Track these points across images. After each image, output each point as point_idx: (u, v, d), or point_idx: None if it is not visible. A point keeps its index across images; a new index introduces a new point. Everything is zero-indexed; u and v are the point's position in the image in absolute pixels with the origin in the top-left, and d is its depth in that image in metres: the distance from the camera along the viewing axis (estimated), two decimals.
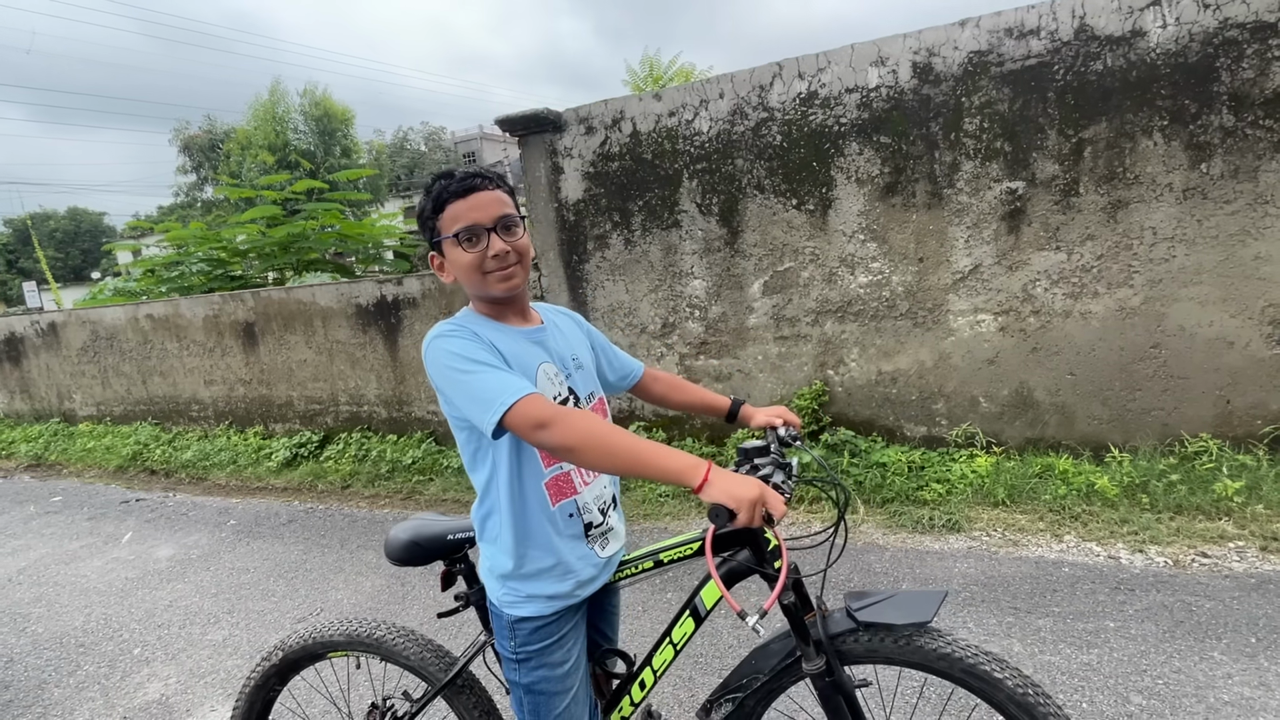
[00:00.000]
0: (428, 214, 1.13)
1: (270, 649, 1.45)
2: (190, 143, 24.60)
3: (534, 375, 1.13)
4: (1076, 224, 3.12)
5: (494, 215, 1.10)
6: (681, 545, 1.22)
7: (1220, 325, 3.00)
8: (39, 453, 6.58)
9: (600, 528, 1.22)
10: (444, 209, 1.10)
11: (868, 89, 3.38)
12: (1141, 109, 2.94)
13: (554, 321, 1.29)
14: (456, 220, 1.09)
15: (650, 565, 1.24)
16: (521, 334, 1.18)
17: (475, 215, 1.09)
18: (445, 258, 1.14)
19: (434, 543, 1.35)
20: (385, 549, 1.39)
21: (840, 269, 3.62)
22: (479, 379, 1.02)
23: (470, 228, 1.08)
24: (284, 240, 7.19)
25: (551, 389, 1.16)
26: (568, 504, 1.16)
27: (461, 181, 1.10)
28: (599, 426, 0.98)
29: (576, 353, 1.27)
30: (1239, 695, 1.83)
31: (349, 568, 3.33)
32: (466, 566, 1.37)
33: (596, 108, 4.03)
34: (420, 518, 1.44)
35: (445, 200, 1.10)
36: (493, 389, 1.00)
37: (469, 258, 1.10)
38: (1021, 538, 2.87)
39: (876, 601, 1.13)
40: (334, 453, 5.07)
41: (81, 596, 3.31)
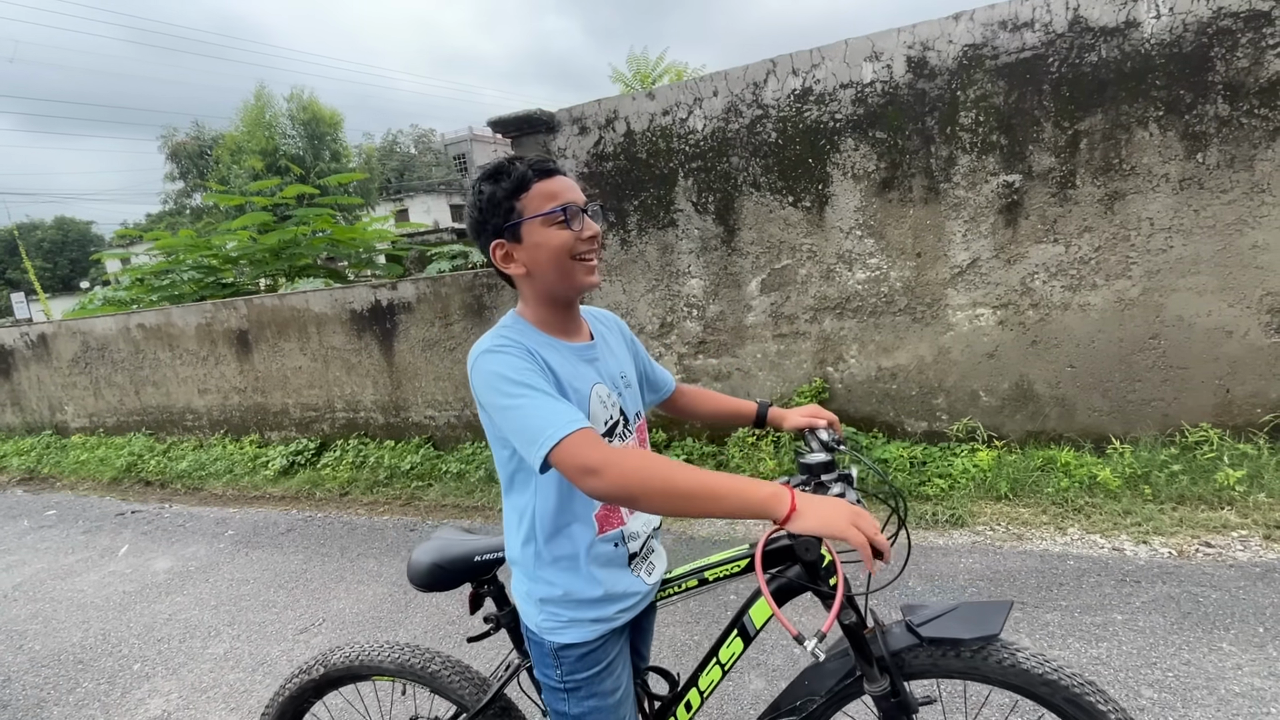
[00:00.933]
0: (504, 195, 1.02)
1: (311, 662, 1.39)
2: (178, 150, 24.41)
3: (587, 400, 1.05)
4: (1074, 216, 3.12)
5: (583, 198, 1.05)
6: (728, 562, 1.14)
7: (1219, 315, 3.00)
8: (32, 466, 6.50)
9: (644, 554, 1.15)
10: (529, 187, 1.01)
11: (862, 84, 3.37)
12: (1137, 100, 2.94)
13: (602, 334, 1.20)
14: (552, 197, 1.01)
15: (695, 584, 1.17)
16: (574, 351, 1.09)
17: (571, 195, 1.02)
18: (523, 242, 1.03)
19: (459, 565, 1.27)
20: (408, 573, 1.30)
21: (838, 265, 3.61)
22: (527, 407, 0.93)
23: (570, 205, 1.01)
24: (275, 246, 7.13)
25: (604, 413, 1.08)
26: (614, 534, 1.09)
27: (543, 162, 1.03)
28: (656, 467, 0.88)
29: (625, 369, 1.19)
30: (1249, 686, 1.82)
31: (350, 576, 3.30)
32: (496, 587, 1.29)
33: (590, 108, 4.01)
34: (443, 536, 1.34)
35: (530, 180, 1.01)
36: (541, 420, 0.91)
37: (564, 237, 1.01)
38: (1025, 531, 2.87)
39: (939, 615, 1.06)
40: (331, 460, 5.03)
41: (79, 612, 3.26)
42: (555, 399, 0.95)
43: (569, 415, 0.92)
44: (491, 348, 0.99)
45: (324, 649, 1.32)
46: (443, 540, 1.32)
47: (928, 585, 2.51)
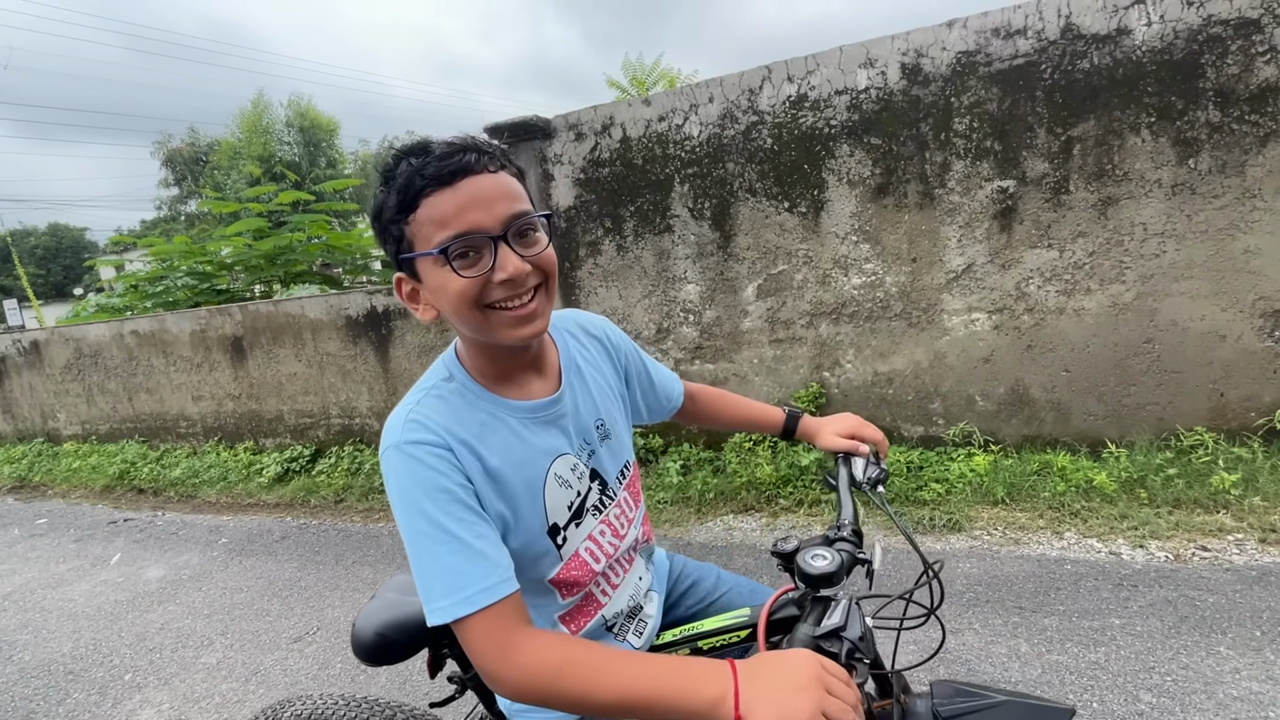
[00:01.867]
0: (390, 215, 0.73)
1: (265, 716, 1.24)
2: (173, 156, 24.38)
3: (541, 490, 0.84)
4: (1068, 221, 3.14)
5: (502, 215, 0.72)
6: (727, 631, 0.95)
7: (1212, 319, 3.02)
8: (23, 474, 6.45)
9: (630, 617, 0.99)
10: (418, 204, 0.71)
11: (857, 91, 3.39)
12: (1129, 106, 2.96)
13: (575, 363, 0.94)
14: (442, 224, 0.70)
15: (686, 653, 0.99)
16: (528, 413, 0.84)
17: (474, 216, 0.71)
18: (423, 283, 0.76)
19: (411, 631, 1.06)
20: (352, 643, 1.09)
21: (834, 271, 3.62)
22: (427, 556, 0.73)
23: (464, 235, 0.70)
24: (270, 253, 7.12)
25: (564, 495, 0.87)
26: (594, 624, 0.93)
27: (444, 160, 0.70)
28: (574, 672, 0.67)
29: (603, 413, 0.94)
30: (1248, 690, 1.82)
31: (344, 584, 3.27)
32: (457, 647, 1.10)
33: (586, 114, 4.02)
34: (392, 593, 1.13)
35: (419, 191, 0.71)
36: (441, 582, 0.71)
37: (460, 285, 0.72)
38: (1022, 536, 2.87)
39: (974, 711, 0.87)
40: (326, 467, 5.01)
41: (69, 621, 3.23)
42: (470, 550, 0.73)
43: (480, 583, 0.71)
44: (403, 442, 0.76)
45: (275, 701, 1.21)
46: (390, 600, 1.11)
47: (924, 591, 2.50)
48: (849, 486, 1.02)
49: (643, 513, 1.04)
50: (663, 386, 1.13)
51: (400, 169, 0.72)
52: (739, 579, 1.14)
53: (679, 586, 1.12)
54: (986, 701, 0.87)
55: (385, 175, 0.74)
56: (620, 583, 0.97)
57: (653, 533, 1.10)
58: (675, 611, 1.09)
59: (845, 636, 0.70)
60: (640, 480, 1.08)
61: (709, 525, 3.44)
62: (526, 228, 0.75)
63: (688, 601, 1.10)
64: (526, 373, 0.87)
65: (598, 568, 0.91)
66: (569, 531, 0.88)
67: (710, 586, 1.11)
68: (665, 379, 1.14)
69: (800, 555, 0.79)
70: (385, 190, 0.74)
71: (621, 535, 0.95)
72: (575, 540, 0.89)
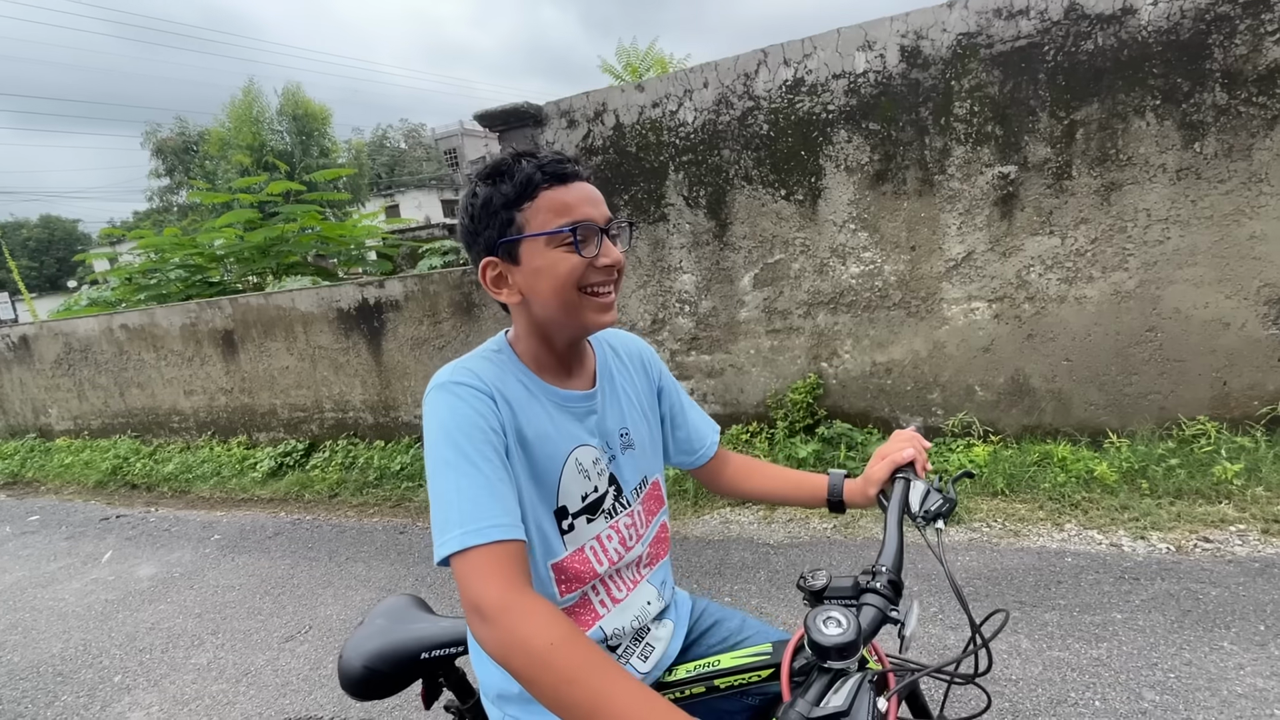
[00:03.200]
0: (503, 202, 0.81)
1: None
2: (163, 146, 24.09)
3: (559, 470, 0.86)
4: (1070, 208, 3.08)
5: (605, 214, 0.84)
6: (747, 670, 0.91)
7: (1216, 306, 2.97)
8: (15, 470, 6.40)
9: (636, 639, 0.95)
10: (536, 195, 0.81)
11: (855, 74, 3.31)
12: (1134, 89, 2.89)
13: (610, 371, 0.98)
14: (561, 212, 0.80)
15: (702, 690, 0.95)
16: (562, 401, 0.90)
17: (588, 210, 0.81)
18: (521, 264, 0.83)
19: (402, 664, 1.01)
20: (339, 675, 1.02)
21: (831, 260, 3.56)
22: (452, 484, 0.75)
23: (584, 223, 0.80)
24: (262, 244, 7.02)
25: (580, 485, 0.89)
26: (591, 632, 0.90)
27: (559, 163, 0.82)
28: (557, 655, 0.64)
29: (629, 424, 0.97)
30: (1252, 686, 1.79)
31: (338, 581, 3.24)
32: (455, 677, 1.08)
33: (578, 100, 3.93)
34: (384, 620, 1.06)
35: (539, 184, 0.81)
36: (458, 511, 0.73)
37: (572, 264, 0.81)
38: (1022, 528, 2.83)
39: None
40: (320, 461, 4.96)
41: (59, 621, 3.19)
42: (492, 486, 0.75)
43: (495, 518, 0.73)
44: (450, 382, 0.81)
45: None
46: (379, 627, 1.05)
47: (924, 584, 2.47)
48: (899, 518, 0.87)
49: (655, 533, 1.01)
50: (692, 427, 1.10)
51: (521, 165, 0.82)
52: (766, 625, 1.07)
53: (700, 624, 1.07)
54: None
55: (499, 170, 0.83)
56: (623, 599, 0.94)
57: (668, 549, 1.05)
58: (693, 650, 1.04)
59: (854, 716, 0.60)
60: (665, 506, 1.05)
61: (706, 519, 3.40)
62: (617, 230, 0.87)
63: (708, 640, 1.05)
64: (568, 368, 0.93)
65: (599, 569, 0.91)
66: (578, 522, 0.89)
67: (734, 628, 1.06)
68: (700, 420, 1.12)
69: (812, 617, 0.67)
70: (494, 182, 0.83)
71: (629, 546, 0.95)
72: (582, 534, 0.90)
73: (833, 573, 0.78)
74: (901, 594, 0.76)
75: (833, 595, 0.77)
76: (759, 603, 2.55)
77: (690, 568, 2.89)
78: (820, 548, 2.93)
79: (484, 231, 0.84)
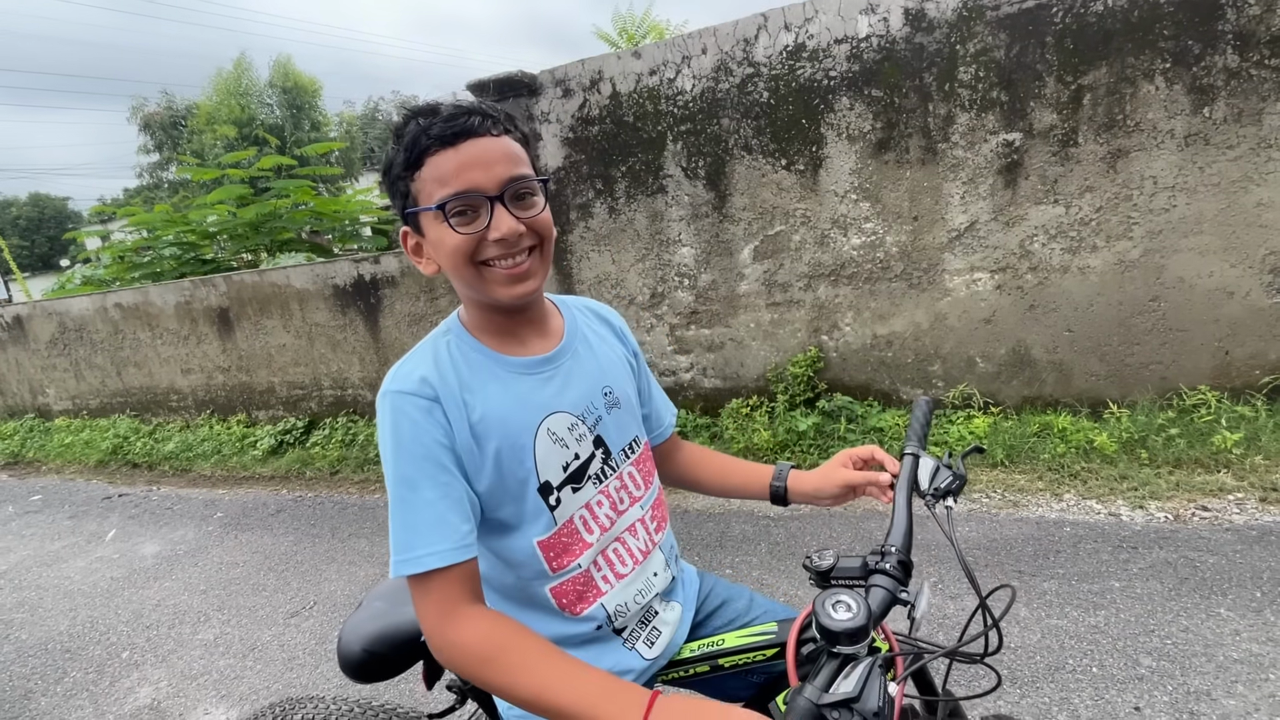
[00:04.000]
0: (398, 170, 0.77)
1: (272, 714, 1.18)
2: (150, 120, 23.63)
3: (531, 446, 0.82)
4: (1075, 175, 3.02)
5: (500, 177, 0.75)
6: (752, 650, 0.91)
7: (1220, 275, 2.94)
8: (15, 450, 6.41)
9: (643, 623, 0.93)
10: (423, 162, 0.75)
11: (858, 39, 3.22)
12: (1143, 51, 2.82)
13: (581, 330, 0.94)
14: (443, 182, 0.74)
15: (706, 669, 0.95)
16: (523, 369, 0.84)
17: (471, 176, 0.74)
18: (424, 237, 0.80)
19: (401, 646, 1.00)
20: (339, 660, 1.03)
21: (832, 231, 3.51)
22: (399, 507, 0.75)
23: (461, 194, 0.74)
24: (255, 220, 6.93)
25: (559, 455, 0.84)
26: (592, 610, 0.88)
27: (449, 121, 0.74)
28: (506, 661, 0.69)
29: (611, 380, 0.92)
30: (1248, 652, 1.81)
31: (341, 557, 3.26)
32: None
33: (573, 68, 3.83)
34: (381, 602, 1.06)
35: (426, 149, 0.74)
36: (406, 535, 0.74)
37: (458, 241, 0.75)
38: (1021, 498, 2.85)
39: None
40: (320, 439, 4.96)
41: (66, 599, 3.22)
42: (433, 509, 0.74)
43: (432, 545, 0.73)
44: (392, 391, 0.78)
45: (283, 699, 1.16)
46: (377, 610, 1.04)
47: (923, 556, 2.49)
48: (908, 496, 0.84)
49: (654, 498, 0.97)
50: (659, 406, 1.09)
51: (409, 128, 0.76)
52: (773, 603, 1.06)
53: (708, 604, 1.05)
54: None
55: (395, 133, 0.78)
56: (628, 572, 0.91)
57: (668, 520, 1.02)
58: (700, 630, 1.03)
59: (857, 710, 0.59)
60: (656, 472, 1.02)
61: None
62: (524, 191, 0.78)
63: (715, 622, 1.03)
64: (525, 331, 0.87)
65: (590, 539, 0.87)
66: (564, 494, 0.85)
67: (742, 608, 1.05)
68: (663, 400, 1.10)
69: (820, 600, 0.66)
70: (395, 147, 0.78)
71: (620, 510, 0.91)
72: (570, 505, 0.86)
73: (840, 551, 0.77)
74: (911, 574, 0.74)
75: (840, 576, 0.76)
76: (760, 574, 2.57)
77: (691, 540, 2.91)
78: (820, 520, 2.94)
79: (394, 200, 0.80)
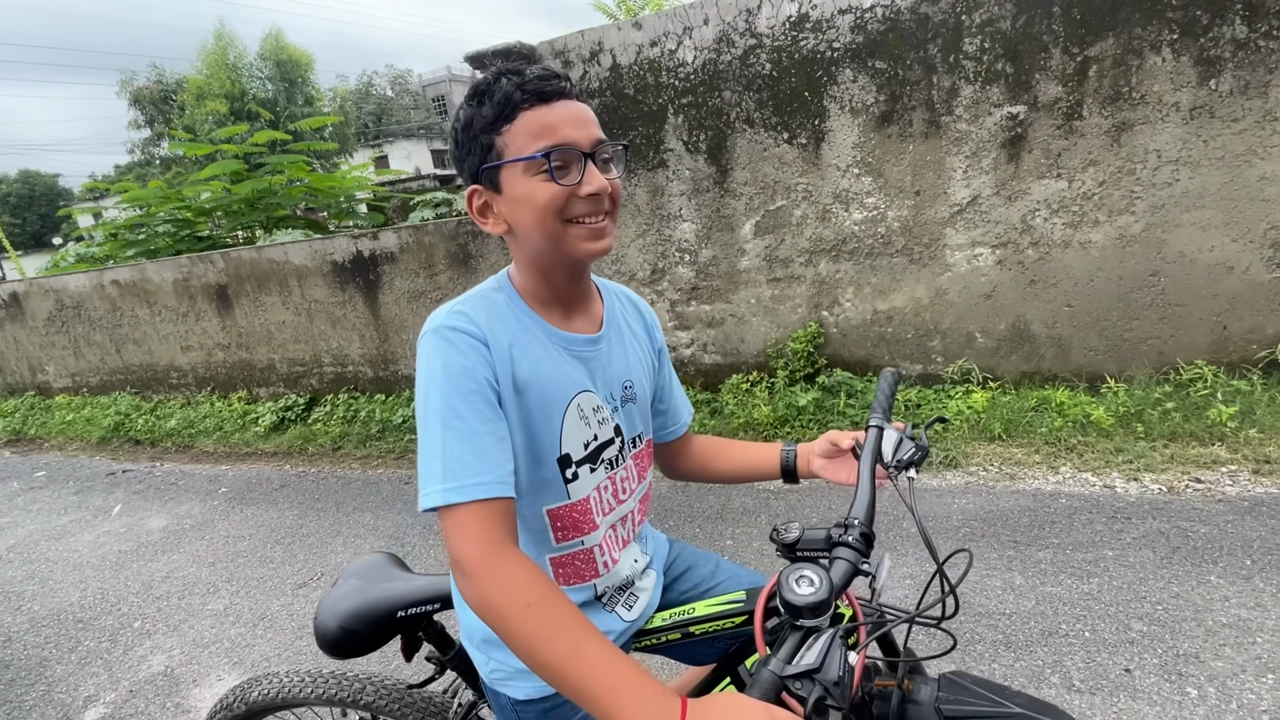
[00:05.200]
0: (483, 125, 0.76)
1: (230, 698, 1.19)
2: (140, 95, 23.21)
3: (561, 416, 0.83)
4: (1079, 149, 3.01)
5: (592, 137, 0.76)
6: (721, 618, 0.94)
7: (1221, 250, 2.94)
8: (17, 427, 6.42)
9: (621, 590, 0.97)
10: (515, 116, 0.75)
11: (862, 9, 3.17)
12: (1151, 22, 2.78)
13: (618, 323, 0.95)
14: (540, 135, 0.74)
15: (678, 637, 0.98)
16: (566, 343, 0.86)
17: (569, 132, 0.75)
18: (502, 194, 0.78)
19: (378, 622, 1.01)
20: (316, 637, 1.03)
21: (834, 206, 3.50)
22: (437, 437, 0.73)
23: (562, 147, 0.74)
24: (250, 197, 6.85)
25: (584, 431, 0.86)
26: (584, 587, 0.92)
27: (545, 80, 0.75)
28: (534, 616, 0.65)
29: (633, 375, 0.94)
30: (1236, 617, 1.86)
31: (346, 530, 3.30)
32: (434, 631, 1.09)
33: (573, 39, 3.77)
34: (357, 580, 1.06)
35: (518, 104, 0.74)
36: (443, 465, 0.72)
37: (552, 194, 0.75)
38: (1018, 471, 2.89)
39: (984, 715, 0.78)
40: (322, 415, 4.98)
41: (75, 572, 3.26)
42: (479, 441, 0.73)
43: (479, 475, 0.72)
44: (443, 327, 0.77)
45: (243, 680, 1.20)
46: (353, 587, 1.05)
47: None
48: (871, 468, 0.86)
49: (643, 492, 1.01)
50: (677, 404, 1.10)
51: (500, 84, 0.76)
52: (739, 569, 1.10)
53: (675, 568, 1.09)
54: (998, 710, 0.77)
55: (480, 90, 0.78)
56: (620, 557, 0.95)
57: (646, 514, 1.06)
58: (668, 595, 1.06)
59: (819, 680, 0.61)
60: (652, 467, 1.04)
61: None
62: (608, 155, 0.80)
63: (681, 586, 1.07)
64: (573, 307, 0.88)
65: (599, 520, 0.90)
66: (581, 470, 0.87)
67: (707, 573, 1.08)
68: (682, 399, 1.11)
69: (785, 575, 0.68)
70: (477, 103, 0.78)
71: (620, 499, 0.95)
72: (585, 483, 0.88)
73: (806, 524, 0.79)
74: (873, 546, 0.77)
75: (805, 548, 0.77)
76: (760, 544, 2.62)
77: (693, 513, 2.95)
78: (819, 493, 2.98)
79: (467, 158, 0.80)
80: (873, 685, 0.83)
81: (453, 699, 1.16)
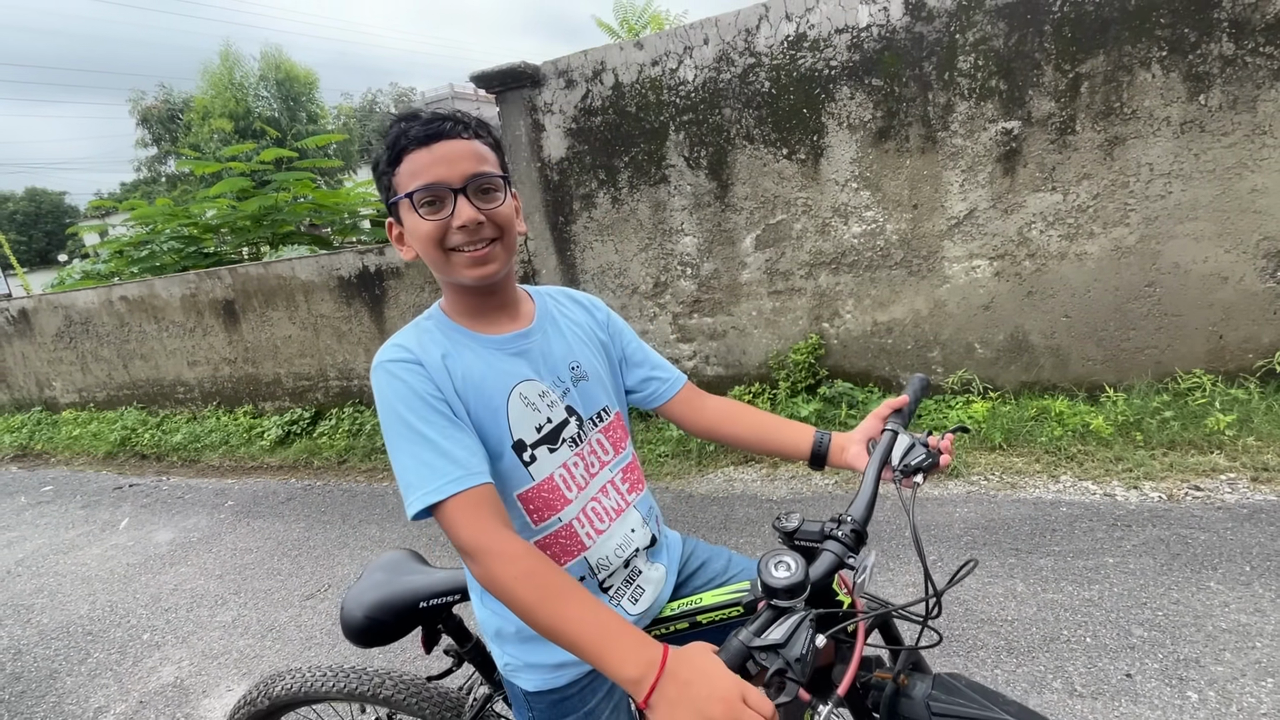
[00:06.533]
0: (383, 166, 0.90)
1: (254, 693, 1.24)
2: (148, 114, 23.52)
3: (504, 408, 0.90)
4: (1072, 163, 3.07)
5: (464, 172, 0.85)
6: (725, 607, 0.99)
7: (1215, 261, 2.99)
8: (24, 442, 6.46)
9: (628, 581, 1.00)
10: (401, 159, 0.86)
11: (858, 29, 3.25)
12: (1140, 39, 2.85)
13: (551, 314, 1.03)
14: (416, 175, 0.85)
15: (685, 627, 1.02)
16: (496, 345, 0.94)
17: (439, 171, 0.85)
18: (404, 226, 0.90)
19: (401, 612, 1.07)
20: (342, 626, 1.10)
21: (833, 219, 3.55)
22: (407, 453, 0.82)
23: (429, 186, 0.84)
24: (256, 214, 6.95)
25: (532, 417, 0.93)
26: (575, 564, 0.96)
27: (427, 125, 0.86)
28: (532, 584, 0.74)
29: (578, 356, 1.01)
30: (1236, 622, 1.88)
31: (353, 542, 3.33)
32: (453, 624, 1.14)
33: (576, 59, 3.86)
34: (381, 572, 1.13)
35: (404, 148, 0.86)
36: (417, 475, 0.80)
37: (426, 228, 0.86)
38: (1019, 480, 2.91)
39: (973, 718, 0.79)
40: (327, 429, 5.02)
41: (84, 585, 3.29)
42: (441, 446, 0.81)
43: (450, 473, 0.80)
44: (384, 361, 0.87)
45: (266, 675, 1.23)
46: (380, 579, 1.12)
47: (923, 535, 2.56)
48: (878, 470, 0.89)
49: (626, 462, 1.05)
50: (655, 361, 1.13)
51: (392, 130, 0.88)
52: (751, 562, 1.13)
53: (689, 565, 1.13)
54: (988, 715, 0.78)
55: (383, 135, 0.90)
56: (606, 529, 0.98)
57: (644, 485, 1.08)
58: (682, 590, 1.10)
59: (781, 654, 0.66)
60: (629, 433, 1.08)
61: (710, 477, 3.48)
62: (487, 186, 0.88)
63: (695, 582, 1.11)
64: (497, 314, 0.97)
65: (570, 496, 0.95)
66: (539, 452, 0.93)
67: (720, 568, 1.13)
68: (655, 359, 1.14)
69: (764, 560, 0.73)
70: (380, 145, 0.91)
71: (593, 472, 0.99)
72: (547, 464, 0.94)
73: (806, 516, 0.83)
74: (863, 544, 0.80)
75: (803, 537, 0.81)
76: (763, 554, 2.64)
77: (697, 523, 2.97)
78: (822, 502, 3.01)
79: (380, 192, 0.93)
80: (871, 675, 0.87)
81: (468, 694, 1.19)
